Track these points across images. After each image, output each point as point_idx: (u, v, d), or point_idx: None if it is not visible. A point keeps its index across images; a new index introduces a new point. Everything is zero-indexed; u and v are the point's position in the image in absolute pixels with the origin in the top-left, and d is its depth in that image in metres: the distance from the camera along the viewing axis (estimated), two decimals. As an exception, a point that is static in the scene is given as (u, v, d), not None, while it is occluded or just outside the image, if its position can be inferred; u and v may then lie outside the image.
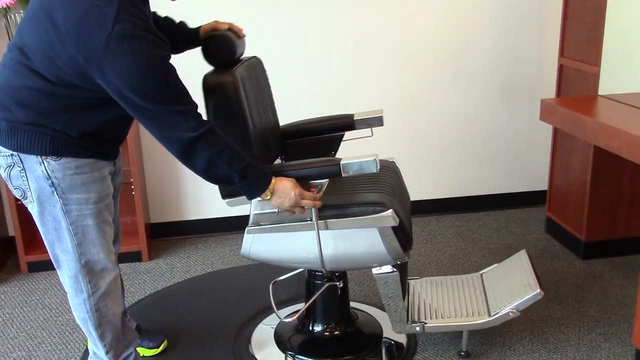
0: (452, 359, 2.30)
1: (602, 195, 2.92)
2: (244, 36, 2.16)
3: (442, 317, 2.26)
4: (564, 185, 3.14)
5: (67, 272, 1.87)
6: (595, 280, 2.83)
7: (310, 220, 2.02)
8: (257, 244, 2.10)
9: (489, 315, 2.22)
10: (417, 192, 3.48)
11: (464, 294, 2.40)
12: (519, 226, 3.41)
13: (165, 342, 2.38)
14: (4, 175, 1.81)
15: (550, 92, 3.30)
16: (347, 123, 2.40)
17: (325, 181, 2.14)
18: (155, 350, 2.35)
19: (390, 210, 2.01)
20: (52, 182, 1.76)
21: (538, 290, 2.20)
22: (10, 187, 1.82)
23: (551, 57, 3.36)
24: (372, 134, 2.42)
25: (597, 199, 2.93)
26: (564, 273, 2.90)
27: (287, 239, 2.08)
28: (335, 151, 2.42)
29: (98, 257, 1.87)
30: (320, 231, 2.03)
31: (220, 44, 2.02)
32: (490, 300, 2.32)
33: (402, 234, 2.08)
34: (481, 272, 2.54)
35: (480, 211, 3.61)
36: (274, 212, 2.02)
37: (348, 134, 2.45)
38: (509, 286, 2.33)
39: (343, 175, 1.97)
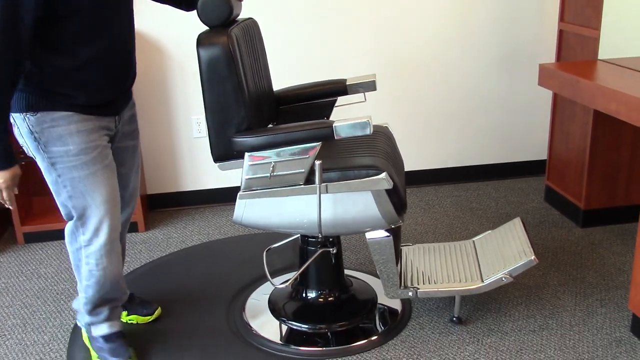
0: (446, 325, 2.29)
1: (602, 163, 2.89)
2: None
3: (435, 283, 2.24)
4: (563, 153, 3.10)
5: (68, 220, 1.99)
6: (594, 248, 2.80)
7: (302, 184, 2.00)
8: (250, 210, 2.08)
9: (482, 281, 2.21)
10: (415, 161, 3.45)
11: (456, 261, 2.39)
12: (518, 195, 3.38)
13: (159, 309, 2.37)
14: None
15: (550, 59, 3.24)
16: (339, 88, 2.38)
17: None
18: (149, 317, 2.34)
19: (384, 173, 1.99)
20: (35, 137, 1.84)
21: (532, 257, 2.19)
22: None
23: (551, 22, 3.30)
24: (365, 99, 2.39)
25: (597, 167, 2.89)
26: (562, 241, 2.87)
27: (279, 204, 2.05)
28: (328, 117, 2.39)
29: (90, 212, 1.92)
30: (312, 195, 2.01)
31: (216, 2, 1.96)
32: (483, 267, 2.30)
33: (396, 198, 2.06)
34: (473, 239, 2.52)
35: (479, 181, 3.58)
36: (267, 177, 2.00)
37: (342, 100, 2.42)
38: (503, 253, 2.31)
39: (335, 137, 1.94)
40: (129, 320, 2.33)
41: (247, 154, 1.97)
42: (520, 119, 3.53)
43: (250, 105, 2.02)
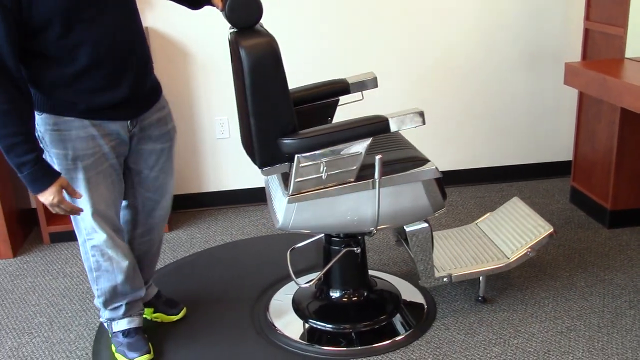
0: (472, 326, 2.27)
1: (629, 162, 2.84)
2: None
3: (466, 266, 2.31)
4: (589, 153, 3.06)
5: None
6: (622, 249, 2.76)
7: (354, 181, 2.01)
8: (300, 213, 2.03)
9: (507, 258, 2.29)
10: (439, 162, 3.40)
11: (472, 244, 2.47)
12: (542, 197, 3.34)
13: (185, 309, 2.38)
14: None
15: (576, 58, 3.21)
16: (341, 88, 2.36)
17: None
18: (175, 316, 2.35)
19: (432, 163, 2.06)
20: (39, 135, 1.87)
21: (551, 230, 2.32)
22: None
23: (576, 21, 3.26)
24: (363, 98, 2.39)
25: (624, 167, 2.85)
26: (589, 242, 2.83)
27: (330, 204, 2.03)
28: (332, 117, 2.38)
29: (87, 214, 1.95)
30: (364, 192, 2.02)
31: (248, 2, 1.90)
32: (500, 246, 2.39)
33: (441, 185, 2.12)
34: (476, 222, 2.62)
35: (503, 182, 3.55)
36: (320, 177, 1.98)
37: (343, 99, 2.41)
38: (517, 230, 2.41)
39: (391, 130, 1.97)
40: (154, 317, 2.35)
41: (297, 156, 1.93)
42: (546, 119, 3.49)
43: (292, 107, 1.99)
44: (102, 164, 1.94)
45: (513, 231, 2.43)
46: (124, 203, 2.15)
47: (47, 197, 1.79)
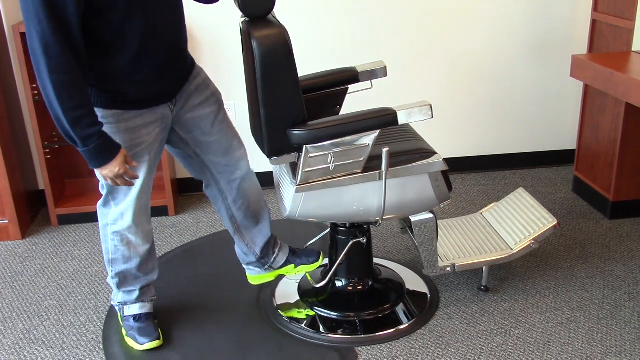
0: (474, 316, 2.32)
1: (632, 154, 2.87)
2: None
3: (469, 256, 2.35)
4: (593, 144, 3.08)
5: (102, 193, 2.05)
6: (622, 240, 2.80)
7: (361, 172, 2.04)
8: (307, 203, 2.06)
9: (511, 249, 2.34)
10: (443, 149, 3.45)
11: (476, 233, 2.52)
12: (546, 185, 3.37)
13: (322, 254, 2.39)
14: None
15: (582, 49, 3.21)
16: (351, 76, 2.37)
17: None
18: (317, 264, 2.36)
19: (439, 155, 2.09)
20: None
21: (555, 222, 2.36)
22: None
23: (584, 11, 3.26)
24: (372, 86, 2.40)
25: (627, 159, 2.87)
26: (590, 232, 2.87)
27: (337, 194, 2.07)
28: (340, 105, 2.39)
29: (119, 196, 2.00)
30: (371, 182, 2.05)
31: None
32: (504, 236, 2.44)
33: (446, 177, 2.15)
34: (481, 211, 2.66)
35: (506, 170, 3.58)
36: (327, 167, 2.00)
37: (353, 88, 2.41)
38: (521, 221, 2.45)
39: (399, 123, 1.99)
40: (297, 272, 2.37)
41: (305, 147, 1.96)
42: (550, 108, 3.51)
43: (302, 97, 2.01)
44: (149, 153, 1.97)
45: (517, 222, 2.47)
46: (203, 184, 2.22)
47: (112, 169, 1.82)
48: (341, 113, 2.37)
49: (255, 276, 2.38)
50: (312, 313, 2.32)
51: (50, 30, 1.63)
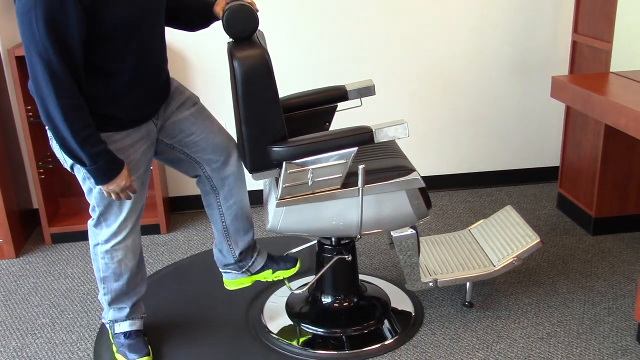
0: (457, 331, 2.37)
1: (613, 171, 2.94)
2: (257, 11, 2.19)
3: (451, 272, 2.41)
4: (575, 161, 3.16)
5: (92, 214, 2.10)
6: (604, 256, 2.86)
7: (340, 188, 2.10)
8: (287, 217, 2.14)
9: (494, 266, 2.39)
10: (429, 167, 3.53)
11: (461, 249, 2.57)
12: (530, 202, 3.44)
13: (300, 261, 2.44)
14: None
15: (564, 69, 3.29)
16: (339, 94, 2.44)
17: None
18: (294, 269, 2.41)
19: (416, 173, 2.14)
20: None
21: (538, 240, 2.41)
22: None
23: (565, 33, 3.35)
24: (362, 104, 2.47)
25: (608, 176, 2.95)
26: (573, 248, 2.94)
27: (316, 209, 2.14)
28: (329, 123, 2.46)
29: (112, 216, 2.06)
30: (349, 198, 2.11)
31: (244, 15, 1.99)
32: (489, 253, 2.50)
33: (425, 194, 2.20)
34: (469, 228, 2.71)
35: (492, 187, 3.65)
36: (306, 183, 2.07)
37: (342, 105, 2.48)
38: (506, 238, 2.51)
39: (375, 141, 2.06)
40: (275, 277, 2.42)
41: (285, 163, 2.03)
42: (534, 125, 3.59)
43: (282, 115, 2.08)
44: (137, 170, 2.03)
45: (502, 239, 2.53)
46: (195, 179, 2.30)
47: (119, 183, 1.89)
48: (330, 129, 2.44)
49: (232, 280, 2.44)
50: (300, 331, 2.38)
51: (55, 56, 1.69)
